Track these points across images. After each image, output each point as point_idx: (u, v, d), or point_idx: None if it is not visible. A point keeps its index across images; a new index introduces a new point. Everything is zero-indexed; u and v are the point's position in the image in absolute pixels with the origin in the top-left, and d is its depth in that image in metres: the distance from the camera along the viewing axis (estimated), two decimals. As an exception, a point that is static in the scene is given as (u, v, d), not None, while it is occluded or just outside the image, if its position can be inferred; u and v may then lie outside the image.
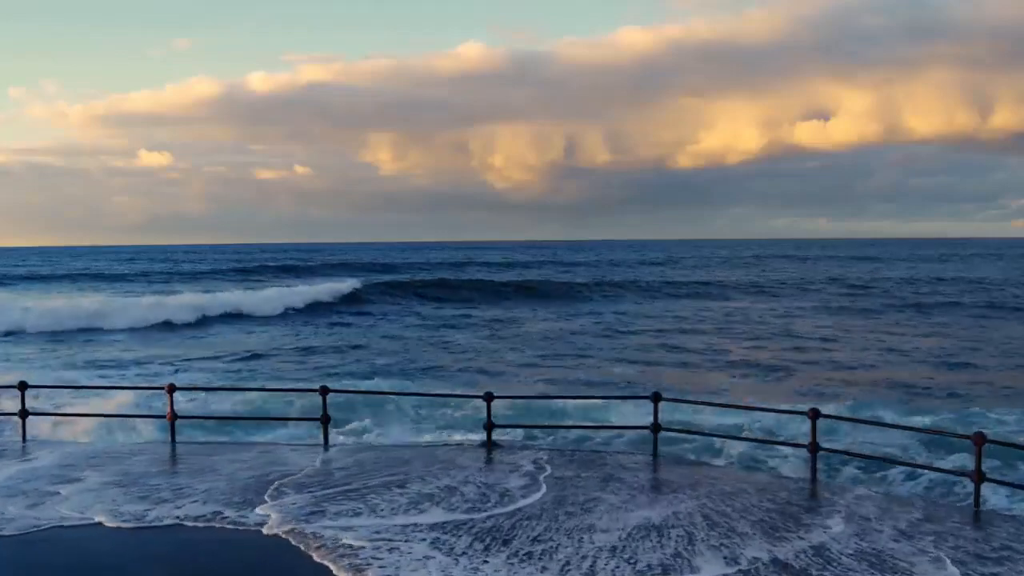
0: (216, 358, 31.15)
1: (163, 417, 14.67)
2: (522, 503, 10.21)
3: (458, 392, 20.37)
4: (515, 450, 13.42)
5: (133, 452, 13.46)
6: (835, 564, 8.19)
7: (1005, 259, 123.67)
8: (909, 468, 13.78)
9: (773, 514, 9.77)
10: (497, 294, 59.88)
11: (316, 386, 14.21)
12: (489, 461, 12.48)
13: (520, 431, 16.54)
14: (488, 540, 8.85)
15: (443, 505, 10.11)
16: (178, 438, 14.16)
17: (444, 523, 9.42)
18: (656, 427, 12.98)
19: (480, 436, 13.85)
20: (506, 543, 8.75)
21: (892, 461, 13.76)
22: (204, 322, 43.63)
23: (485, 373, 27.41)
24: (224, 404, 19.79)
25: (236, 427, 17.47)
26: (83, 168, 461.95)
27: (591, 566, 8.10)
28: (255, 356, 31.72)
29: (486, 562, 8.23)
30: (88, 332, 39.53)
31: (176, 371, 27.76)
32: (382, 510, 9.92)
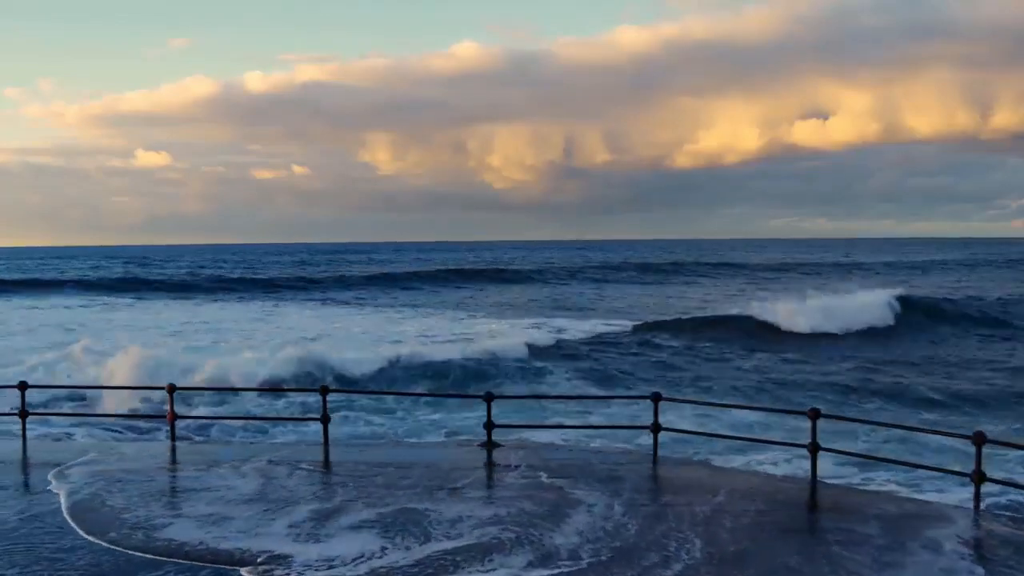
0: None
1: (163, 417, 14.68)
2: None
3: (458, 392, 20.38)
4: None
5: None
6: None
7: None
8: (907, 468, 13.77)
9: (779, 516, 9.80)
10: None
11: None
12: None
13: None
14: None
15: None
16: None
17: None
18: (656, 427, 12.98)
19: None
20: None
21: (892, 461, 13.73)
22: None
23: None
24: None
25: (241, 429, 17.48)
26: (81, 168, 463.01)
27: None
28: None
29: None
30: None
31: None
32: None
